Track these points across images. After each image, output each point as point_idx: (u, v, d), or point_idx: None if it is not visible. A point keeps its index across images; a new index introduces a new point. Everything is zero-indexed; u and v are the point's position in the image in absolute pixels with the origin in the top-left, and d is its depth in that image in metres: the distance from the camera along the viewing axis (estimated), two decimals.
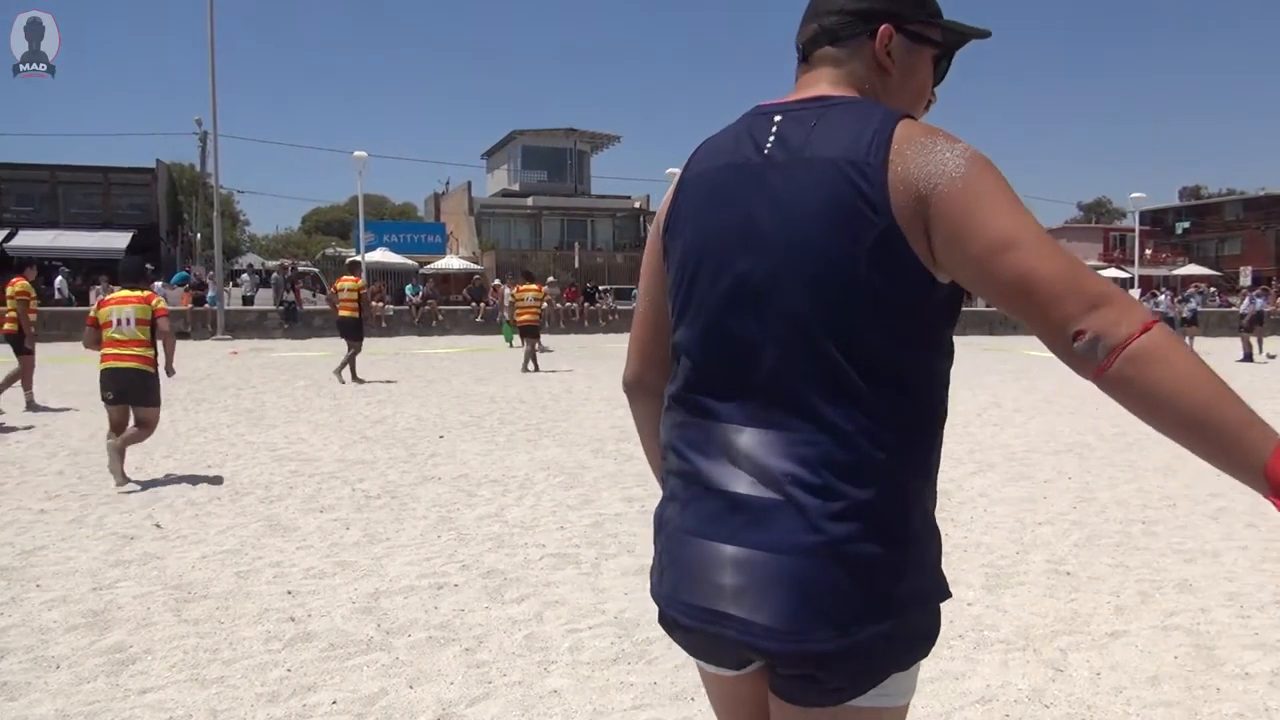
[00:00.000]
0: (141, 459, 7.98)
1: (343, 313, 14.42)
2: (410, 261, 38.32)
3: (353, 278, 14.84)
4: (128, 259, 7.53)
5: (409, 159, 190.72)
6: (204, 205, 40.56)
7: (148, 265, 7.96)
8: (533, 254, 42.74)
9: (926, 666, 3.54)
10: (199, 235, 40.07)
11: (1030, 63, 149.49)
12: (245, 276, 32.43)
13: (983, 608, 4.39)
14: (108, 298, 7.10)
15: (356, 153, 31.65)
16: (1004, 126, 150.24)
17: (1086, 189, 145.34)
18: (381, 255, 37.78)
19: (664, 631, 1.72)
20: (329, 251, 46.35)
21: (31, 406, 11.23)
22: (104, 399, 6.88)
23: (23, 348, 11.17)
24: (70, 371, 16.21)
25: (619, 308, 31.06)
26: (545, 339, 23.85)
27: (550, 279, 31.78)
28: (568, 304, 30.99)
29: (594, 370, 16.57)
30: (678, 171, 1.61)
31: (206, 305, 27.24)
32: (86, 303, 26.87)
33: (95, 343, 7.04)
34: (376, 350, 22.00)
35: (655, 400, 1.64)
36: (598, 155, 52.19)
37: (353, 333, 14.38)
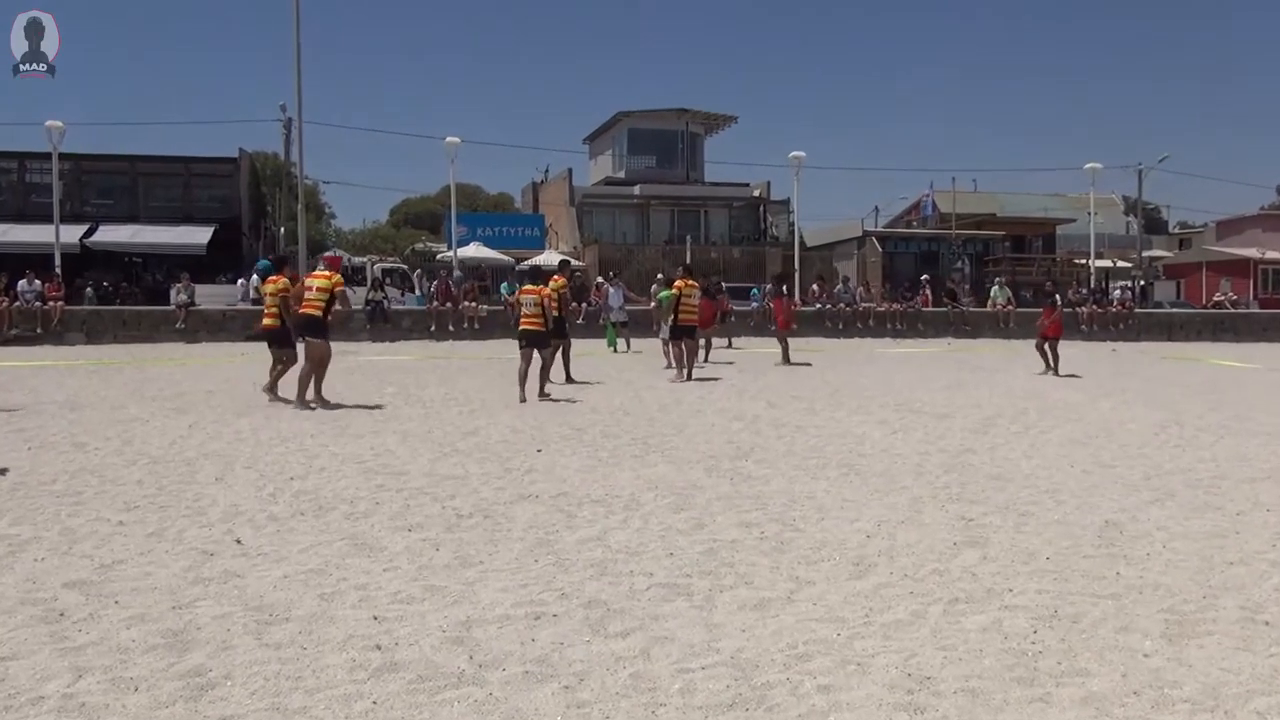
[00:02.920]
0: (222, 468, 8.35)
1: (529, 326, 14.02)
2: (506, 257, 38.99)
3: (558, 278, 15.07)
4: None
5: (505, 145, 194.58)
6: (288, 197, 42.14)
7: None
8: (639, 249, 43.01)
9: None
10: (282, 229, 41.60)
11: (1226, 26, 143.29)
12: None
13: (1162, 660, 4.21)
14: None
15: (448, 138, 32.49)
16: (1205, 94, 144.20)
17: None
18: (475, 250, 38.54)
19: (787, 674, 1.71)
20: (418, 246, 47.63)
21: (304, 403, 12.46)
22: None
23: (285, 342, 12.98)
24: (148, 376, 17.03)
25: (737, 308, 30.97)
26: (634, 340, 23.94)
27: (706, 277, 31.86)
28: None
29: (707, 378, 16.55)
30: (802, 155, 1.59)
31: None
32: (167, 300, 28.18)
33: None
34: (469, 354, 22.46)
35: None
36: (712, 138, 52.12)
37: (553, 335, 14.47)
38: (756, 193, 49.45)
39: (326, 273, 13.33)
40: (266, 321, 13.29)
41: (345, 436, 10.24)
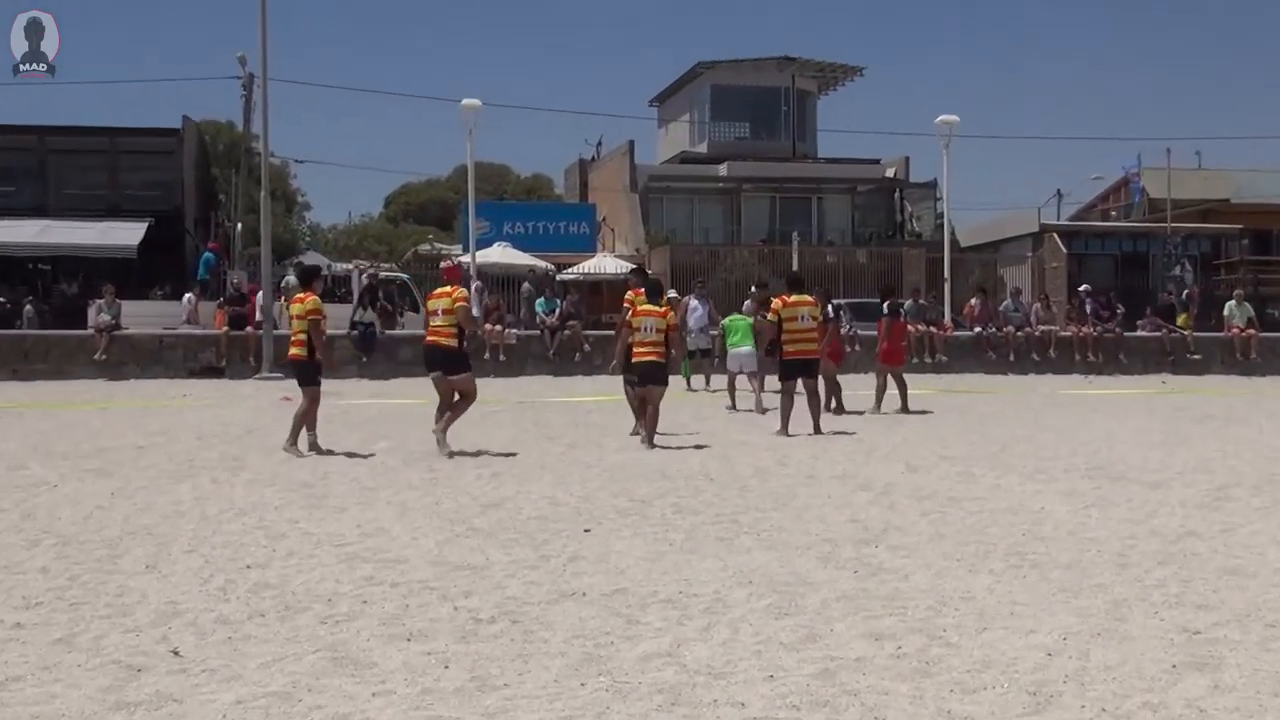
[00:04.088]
0: (156, 552, 8.46)
1: (646, 357, 15.09)
2: (543, 263, 39.11)
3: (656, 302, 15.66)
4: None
5: (542, 109, 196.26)
6: (247, 181, 42.82)
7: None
8: (726, 250, 43.03)
9: None
10: (239, 225, 42.33)
11: None
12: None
13: None
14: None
15: (465, 101, 32.66)
16: None
17: None
18: (500, 254, 38.67)
19: None
20: (424, 248, 48.02)
21: (315, 448, 14.00)
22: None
23: (309, 377, 14.18)
24: (58, 425, 17.35)
25: (860, 331, 30.72)
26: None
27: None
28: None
29: (827, 432, 16.44)
30: (954, 120, 1.57)
31: (249, 329, 28.51)
32: (84, 322, 28.69)
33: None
34: (492, 395, 22.59)
35: None
36: (828, 97, 52.34)
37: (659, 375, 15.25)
38: (890, 172, 49.37)
39: (448, 289, 14.25)
40: (293, 351, 14.42)
41: (322, 509, 10.33)
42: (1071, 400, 23.10)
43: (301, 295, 14.43)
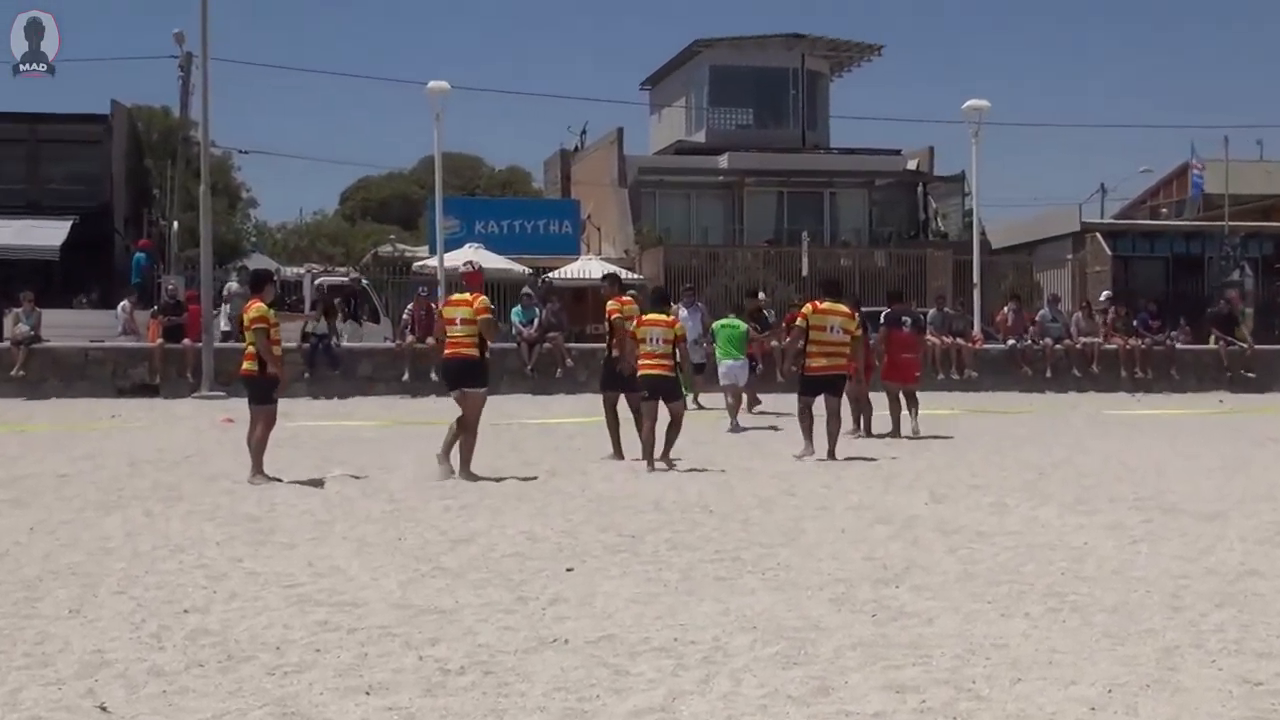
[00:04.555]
0: (81, 594, 8.43)
1: (651, 370, 15.80)
2: (518, 266, 39.09)
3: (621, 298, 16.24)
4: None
5: (518, 93, 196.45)
6: (185, 174, 42.70)
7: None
8: (728, 252, 43.06)
9: None
10: (176, 225, 42.23)
11: None
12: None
13: None
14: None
15: (432, 84, 32.70)
16: None
17: None
18: (471, 256, 38.55)
19: None
20: (385, 250, 47.98)
21: (260, 476, 13.93)
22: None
23: (263, 395, 14.25)
24: None
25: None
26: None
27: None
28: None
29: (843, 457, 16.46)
30: (984, 105, 1.59)
31: (186, 341, 28.35)
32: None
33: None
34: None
35: None
36: (841, 79, 52.42)
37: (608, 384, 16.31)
38: (912, 164, 49.41)
39: (468, 296, 14.57)
40: (245, 366, 14.36)
41: (269, 545, 10.31)
42: (1117, 421, 23.15)
43: (253, 301, 14.47)
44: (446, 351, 14.54)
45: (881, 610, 8.10)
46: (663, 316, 15.98)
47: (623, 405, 16.48)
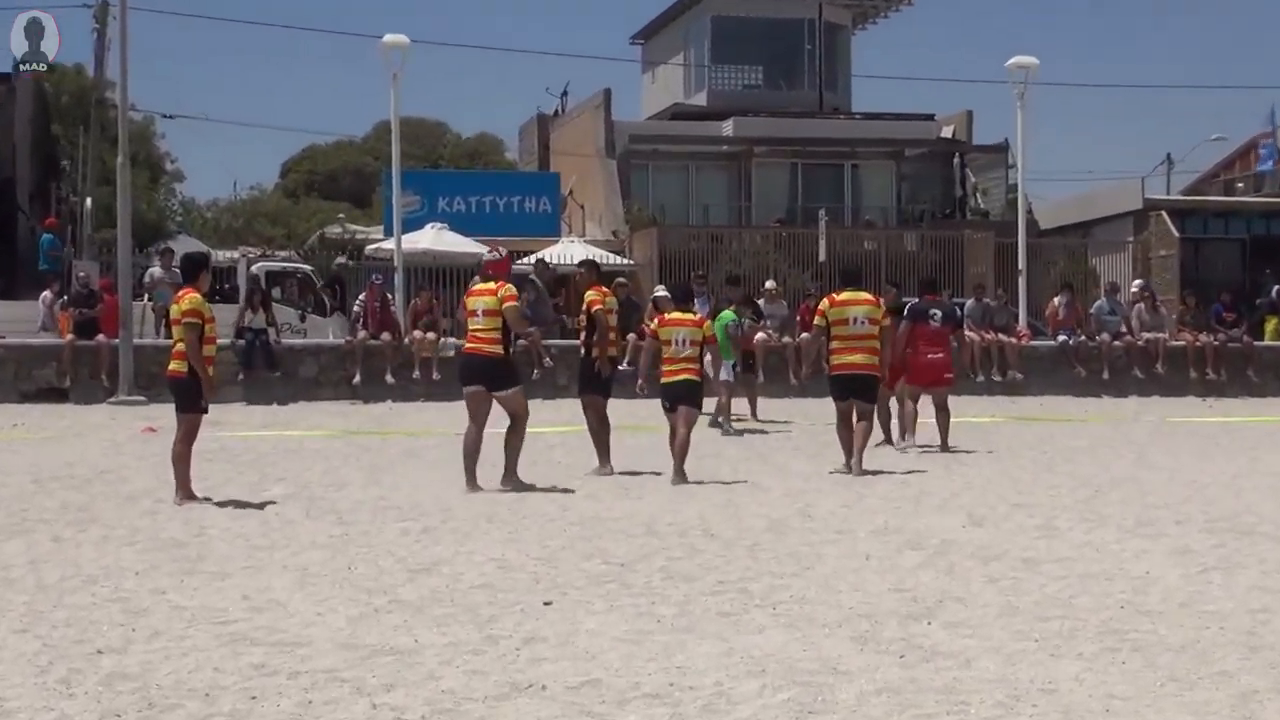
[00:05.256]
0: None
1: (678, 376, 16.14)
2: (487, 250, 38.94)
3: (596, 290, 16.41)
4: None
5: (487, 48, 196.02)
6: (100, 142, 42.69)
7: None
8: (734, 232, 43.03)
9: None
10: (89, 201, 42.19)
11: None
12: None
13: None
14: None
15: (388, 37, 32.73)
16: None
17: None
18: (433, 238, 38.49)
19: None
20: (333, 231, 47.93)
21: (185, 494, 13.90)
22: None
23: (191, 401, 14.10)
24: None
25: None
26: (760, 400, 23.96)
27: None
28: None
29: (870, 471, 16.48)
30: (1032, 63, 1.60)
31: (101, 337, 28.32)
32: None
33: None
34: (416, 429, 22.54)
35: None
36: (865, 32, 52.46)
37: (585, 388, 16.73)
38: (948, 131, 49.46)
39: (492, 285, 14.87)
40: (172, 366, 14.36)
41: (197, 576, 10.31)
42: (1186, 430, 23.20)
43: (185, 290, 14.29)
44: (466, 347, 14.99)
45: (911, 650, 8.10)
46: (689, 315, 16.29)
47: (611, 410, 16.58)
